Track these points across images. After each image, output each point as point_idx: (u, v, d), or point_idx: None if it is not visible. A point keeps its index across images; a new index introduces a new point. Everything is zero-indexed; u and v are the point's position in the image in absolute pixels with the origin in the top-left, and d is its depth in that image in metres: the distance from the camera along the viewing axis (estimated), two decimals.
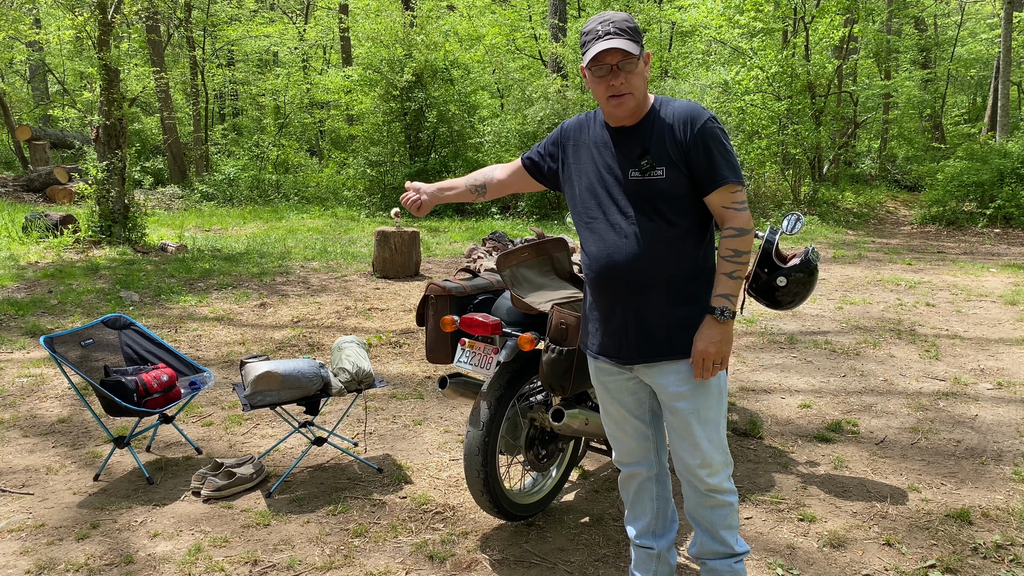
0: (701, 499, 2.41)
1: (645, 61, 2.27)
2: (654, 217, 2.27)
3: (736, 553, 2.45)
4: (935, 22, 23.10)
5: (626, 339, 2.34)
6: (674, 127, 2.26)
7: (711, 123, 2.25)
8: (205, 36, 20.70)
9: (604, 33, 2.22)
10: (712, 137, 2.24)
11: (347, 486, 3.61)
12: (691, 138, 2.24)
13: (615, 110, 2.28)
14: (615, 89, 2.23)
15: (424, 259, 9.56)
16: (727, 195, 2.25)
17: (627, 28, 2.22)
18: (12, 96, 21.30)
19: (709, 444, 2.34)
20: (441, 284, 3.28)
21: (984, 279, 8.62)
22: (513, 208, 15.16)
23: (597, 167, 2.37)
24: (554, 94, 14.45)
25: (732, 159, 2.27)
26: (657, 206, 2.27)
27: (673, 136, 2.25)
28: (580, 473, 3.76)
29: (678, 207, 2.27)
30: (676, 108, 2.29)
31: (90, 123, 9.60)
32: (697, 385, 2.31)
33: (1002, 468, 3.79)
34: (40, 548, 3.08)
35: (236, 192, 16.61)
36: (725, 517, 2.42)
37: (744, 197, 2.29)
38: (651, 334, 2.30)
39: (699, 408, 2.32)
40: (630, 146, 2.31)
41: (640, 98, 2.27)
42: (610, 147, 2.35)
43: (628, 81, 2.22)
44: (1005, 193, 13.14)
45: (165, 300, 7.23)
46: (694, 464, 2.36)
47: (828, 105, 15.21)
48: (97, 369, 3.76)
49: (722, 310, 2.22)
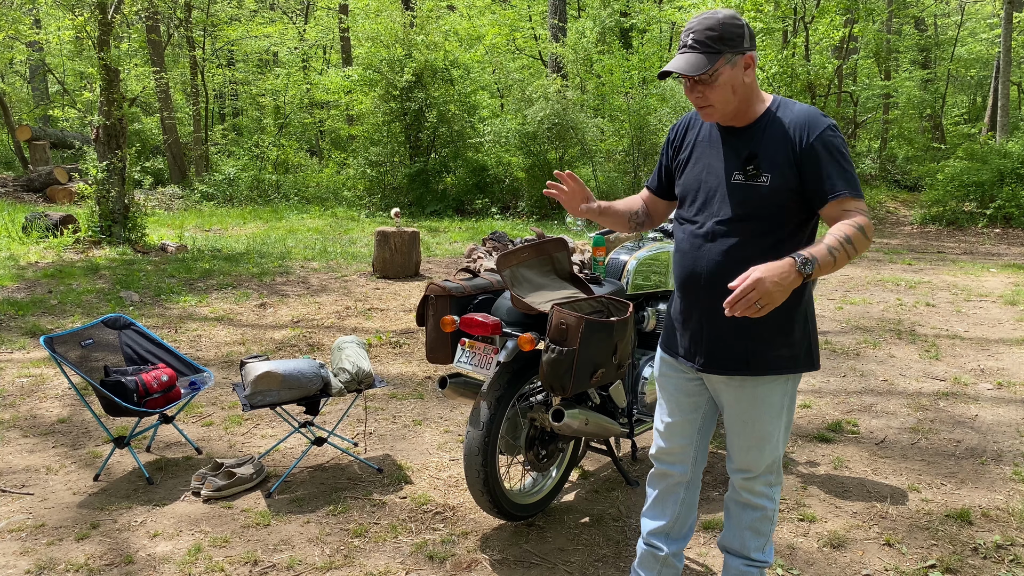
0: (734, 492, 2.44)
1: (745, 65, 2.15)
2: (750, 224, 2.18)
3: (751, 558, 2.44)
4: (935, 22, 23.11)
5: (700, 346, 2.30)
6: (790, 133, 2.16)
7: (830, 132, 2.14)
8: (205, 36, 20.70)
9: (682, 45, 2.16)
10: (830, 147, 2.13)
11: (347, 486, 3.61)
12: (807, 146, 2.13)
13: (705, 117, 2.23)
14: (697, 101, 2.18)
15: (424, 259, 9.56)
16: (840, 208, 2.11)
17: (703, 40, 2.12)
18: (12, 96, 21.31)
19: (759, 453, 2.33)
20: (441, 284, 3.28)
21: (984, 279, 8.62)
22: (513, 208, 15.16)
23: (701, 166, 2.31)
24: (554, 94, 14.45)
25: (849, 171, 2.13)
26: (756, 213, 2.18)
27: (786, 142, 2.16)
28: (580, 473, 3.76)
29: (778, 217, 2.18)
30: (795, 113, 2.19)
31: (90, 123, 9.61)
32: (764, 402, 2.27)
33: (1002, 468, 3.79)
34: (40, 548, 3.08)
35: (236, 192, 16.61)
36: (752, 519, 2.42)
37: (864, 207, 2.14)
38: (728, 346, 2.25)
39: (758, 421, 2.29)
40: (738, 148, 2.22)
41: (727, 108, 2.18)
42: (718, 146, 2.28)
43: (706, 95, 2.16)
44: (1005, 193, 13.14)
45: (165, 300, 7.23)
46: (736, 464, 2.39)
47: (828, 105, 15.22)
48: (97, 369, 3.76)
49: (805, 261, 1.98)
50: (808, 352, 2.28)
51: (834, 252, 2.02)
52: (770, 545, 2.46)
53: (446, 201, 15.19)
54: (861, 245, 2.08)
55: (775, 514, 2.43)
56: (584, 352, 2.72)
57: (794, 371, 2.27)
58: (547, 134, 14.49)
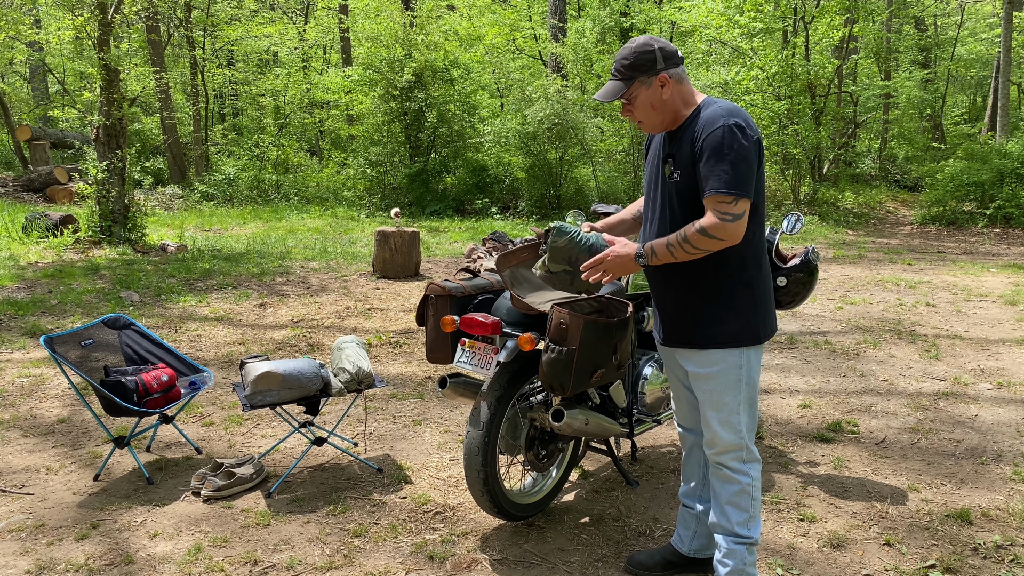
0: (713, 468, 2.60)
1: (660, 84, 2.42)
2: (677, 215, 2.46)
3: (737, 534, 2.55)
4: (935, 22, 23.10)
5: (665, 325, 2.61)
6: (695, 133, 2.39)
7: (720, 130, 2.30)
8: (205, 36, 20.69)
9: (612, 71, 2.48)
10: (715, 144, 2.31)
11: (347, 486, 3.61)
12: (699, 144, 2.36)
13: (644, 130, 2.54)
14: (628, 118, 2.52)
15: (424, 259, 9.56)
16: (709, 205, 2.34)
17: (620, 68, 2.43)
18: (12, 96, 21.29)
19: (719, 426, 2.52)
20: (441, 284, 3.28)
21: (984, 279, 8.62)
22: (513, 208, 15.16)
23: (650, 166, 2.62)
24: (554, 94, 14.44)
25: (725, 168, 2.29)
26: (677, 206, 2.46)
27: (692, 143, 2.40)
28: (580, 473, 3.76)
29: (696, 211, 2.41)
30: (706, 113, 2.39)
31: (90, 123, 9.61)
32: (716, 373, 2.49)
33: (1002, 468, 3.79)
34: (40, 548, 3.08)
35: (236, 192, 16.60)
36: (731, 494, 2.55)
37: (737, 210, 2.30)
38: (677, 323, 2.54)
39: (713, 391, 2.50)
40: (668, 149, 2.50)
41: (654, 122, 2.47)
42: (661, 147, 2.56)
43: (632, 113, 2.47)
44: (1005, 193, 13.13)
45: (165, 300, 7.23)
46: (705, 438, 2.58)
47: (828, 105, 15.21)
48: (97, 369, 3.76)
49: (640, 254, 2.44)
50: (754, 328, 2.48)
51: (671, 249, 2.38)
52: (755, 523, 2.57)
53: (446, 201, 15.19)
54: (702, 244, 2.34)
55: (754, 489, 2.55)
56: (584, 352, 2.73)
57: (739, 345, 2.46)
58: (547, 134, 14.49)
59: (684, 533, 2.88)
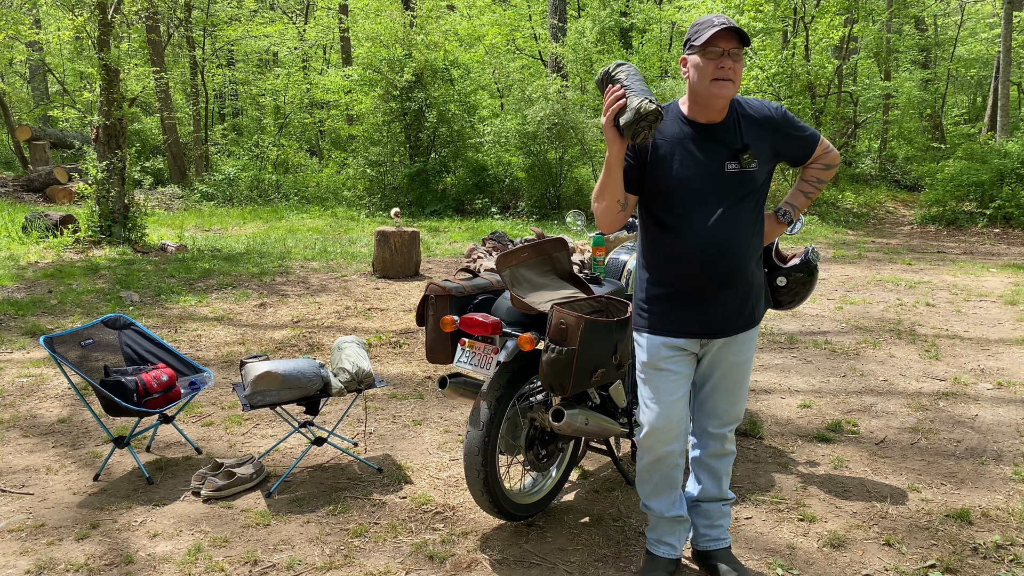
0: (714, 448, 2.79)
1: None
2: (747, 206, 2.55)
3: (726, 498, 2.86)
4: (935, 22, 23.10)
5: (725, 316, 2.62)
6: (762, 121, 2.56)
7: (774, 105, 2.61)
8: (205, 36, 20.70)
9: (720, 23, 2.40)
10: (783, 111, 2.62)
11: (347, 486, 3.61)
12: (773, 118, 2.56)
13: (720, 91, 2.42)
14: (723, 73, 2.40)
15: (424, 259, 9.56)
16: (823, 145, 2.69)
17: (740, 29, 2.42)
18: (12, 96, 21.30)
19: (743, 402, 2.78)
20: (441, 284, 3.28)
21: (984, 279, 8.62)
22: (513, 208, 15.16)
23: (690, 162, 2.52)
24: (554, 94, 14.44)
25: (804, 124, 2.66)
26: (749, 196, 2.54)
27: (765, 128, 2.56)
28: (580, 473, 3.76)
29: (762, 196, 2.59)
30: (749, 101, 2.59)
31: (90, 123, 9.61)
32: (752, 348, 2.72)
33: (1002, 468, 3.79)
34: (40, 548, 3.08)
35: (236, 192, 16.60)
36: (728, 465, 2.84)
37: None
38: (741, 310, 2.64)
39: (746, 365, 2.71)
40: (725, 140, 2.51)
41: (733, 91, 2.46)
42: (699, 142, 2.52)
43: (735, 69, 2.42)
44: (1005, 193, 13.13)
45: (165, 300, 7.23)
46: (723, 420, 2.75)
47: (828, 105, 15.21)
48: (97, 369, 3.76)
49: (785, 212, 2.75)
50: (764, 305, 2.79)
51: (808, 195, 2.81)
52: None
53: (446, 201, 15.18)
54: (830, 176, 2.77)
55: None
56: (584, 352, 2.73)
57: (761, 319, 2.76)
58: (547, 134, 14.48)
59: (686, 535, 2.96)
